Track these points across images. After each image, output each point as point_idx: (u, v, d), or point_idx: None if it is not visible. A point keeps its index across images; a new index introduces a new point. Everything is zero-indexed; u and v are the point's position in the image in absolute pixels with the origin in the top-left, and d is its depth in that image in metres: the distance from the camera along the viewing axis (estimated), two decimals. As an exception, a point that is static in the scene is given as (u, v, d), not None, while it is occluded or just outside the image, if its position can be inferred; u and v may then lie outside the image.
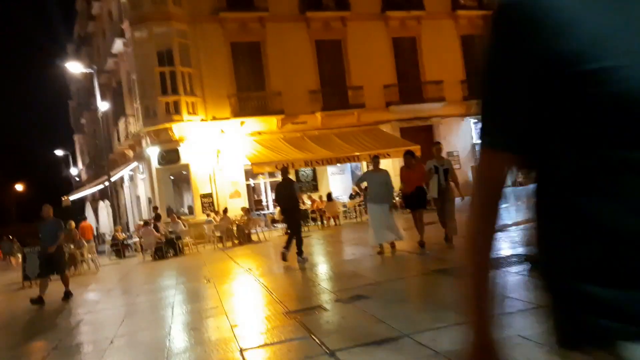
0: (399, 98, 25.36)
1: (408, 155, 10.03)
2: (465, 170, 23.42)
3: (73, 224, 17.32)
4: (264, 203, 24.68)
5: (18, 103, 78.47)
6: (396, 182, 10.61)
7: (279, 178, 24.41)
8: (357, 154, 21.84)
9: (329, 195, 20.14)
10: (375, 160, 10.19)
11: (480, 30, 1.12)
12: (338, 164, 23.15)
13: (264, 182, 24.74)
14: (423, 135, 24.45)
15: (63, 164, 51.97)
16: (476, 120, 26.36)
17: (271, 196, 24.71)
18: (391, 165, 23.62)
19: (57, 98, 60.19)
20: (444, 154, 10.80)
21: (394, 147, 22.25)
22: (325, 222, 20.23)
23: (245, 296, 8.06)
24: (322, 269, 9.86)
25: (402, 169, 10.01)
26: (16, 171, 51.64)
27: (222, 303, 7.40)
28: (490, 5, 1.00)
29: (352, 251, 11.53)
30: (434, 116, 26.00)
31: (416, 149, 22.13)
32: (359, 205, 20.78)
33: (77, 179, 46.90)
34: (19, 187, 53.68)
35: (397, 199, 15.61)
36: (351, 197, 22.48)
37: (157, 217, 18.63)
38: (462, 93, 26.50)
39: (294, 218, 10.59)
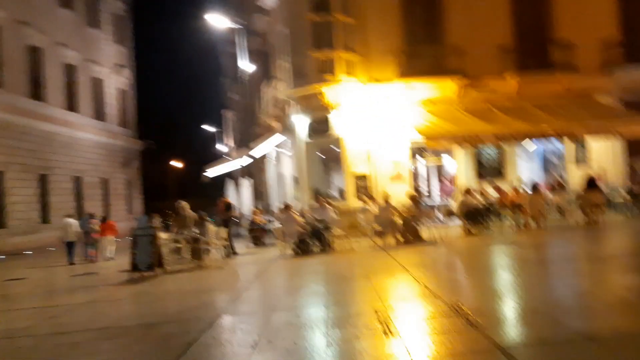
0: (623, 59, 18.55)
1: None
2: None
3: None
4: (425, 191, 19.48)
5: (180, 85, 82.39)
6: None
7: (444, 159, 19.55)
8: (572, 128, 15.78)
9: (535, 186, 14.33)
10: None
11: None
12: (537, 139, 17.28)
13: (426, 166, 19.55)
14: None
15: (214, 140, 52.00)
16: None
17: (435, 182, 19.55)
18: (610, 151, 17.31)
19: (214, 77, 60.75)
20: None
21: (624, 119, 15.88)
22: (522, 222, 14.60)
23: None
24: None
25: None
26: (176, 149, 52.78)
27: None
28: None
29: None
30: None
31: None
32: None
33: (226, 155, 46.12)
34: (177, 164, 54.91)
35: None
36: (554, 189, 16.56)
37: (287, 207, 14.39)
38: None
39: None
